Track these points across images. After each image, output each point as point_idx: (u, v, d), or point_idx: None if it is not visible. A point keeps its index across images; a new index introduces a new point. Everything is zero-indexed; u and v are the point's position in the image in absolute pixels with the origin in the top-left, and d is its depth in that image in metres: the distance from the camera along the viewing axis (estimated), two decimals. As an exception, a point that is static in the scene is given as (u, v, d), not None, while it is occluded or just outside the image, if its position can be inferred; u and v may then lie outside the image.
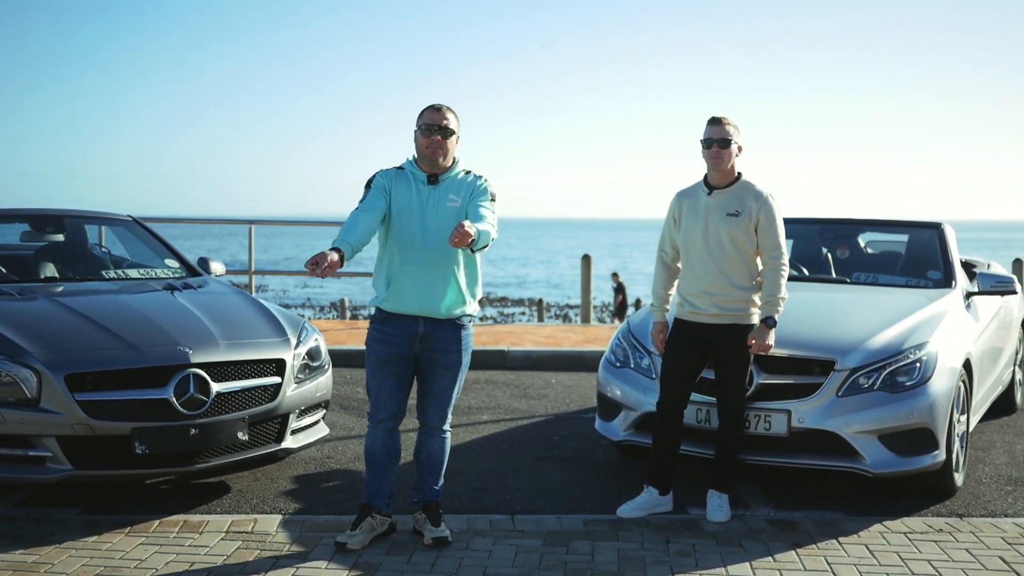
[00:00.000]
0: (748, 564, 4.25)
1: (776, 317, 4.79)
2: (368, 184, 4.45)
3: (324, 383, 5.56)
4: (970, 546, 4.49)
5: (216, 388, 4.86)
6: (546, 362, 9.66)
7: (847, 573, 4.15)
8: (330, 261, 3.94)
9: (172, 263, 6.65)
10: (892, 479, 5.09)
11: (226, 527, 4.63)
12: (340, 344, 9.72)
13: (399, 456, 4.56)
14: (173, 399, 4.74)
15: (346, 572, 4.10)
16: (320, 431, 5.60)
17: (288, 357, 5.24)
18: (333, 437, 6.34)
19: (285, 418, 5.21)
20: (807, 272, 6.79)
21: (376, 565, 4.18)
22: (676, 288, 5.08)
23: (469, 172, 4.50)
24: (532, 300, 39.67)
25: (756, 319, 4.84)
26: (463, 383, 4.60)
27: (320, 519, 4.77)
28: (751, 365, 4.93)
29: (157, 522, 4.68)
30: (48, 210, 6.90)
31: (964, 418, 5.54)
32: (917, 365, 5.08)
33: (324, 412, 5.69)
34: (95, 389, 4.71)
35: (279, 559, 4.24)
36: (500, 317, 34.10)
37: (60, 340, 4.88)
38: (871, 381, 5.01)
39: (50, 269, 6.28)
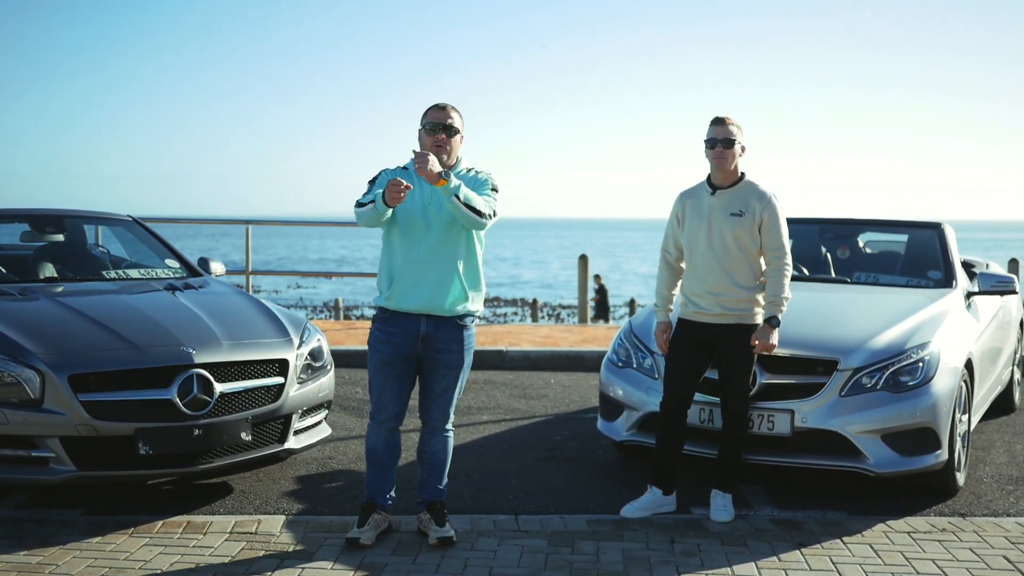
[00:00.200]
0: (753, 564, 4.25)
1: (780, 317, 4.80)
2: (372, 180, 4.48)
3: (327, 383, 5.55)
4: (974, 545, 4.50)
5: (220, 388, 4.85)
6: (544, 362, 9.67)
7: (852, 573, 4.16)
8: (406, 185, 4.12)
9: (172, 263, 6.63)
10: (894, 479, 5.10)
11: (230, 528, 4.62)
12: (339, 344, 9.71)
13: (400, 454, 4.58)
14: (177, 399, 4.73)
15: (352, 573, 4.09)
16: (322, 431, 5.59)
17: (291, 357, 5.23)
18: (334, 437, 6.33)
19: (288, 418, 5.20)
20: (807, 272, 6.81)
21: (382, 565, 4.17)
22: (680, 288, 5.09)
23: (472, 170, 4.50)
24: (524, 300, 39.66)
25: (760, 319, 4.84)
26: (465, 383, 4.59)
27: (324, 519, 4.77)
28: (754, 365, 4.94)
29: (160, 523, 4.67)
30: (48, 210, 6.88)
31: (966, 418, 5.55)
32: (920, 365, 5.09)
33: (326, 412, 5.68)
34: (98, 390, 4.69)
35: (284, 560, 4.23)
36: (492, 317, 34.11)
37: (63, 340, 4.86)
38: (874, 381, 5.02)
39: (50, 269, 6.25)
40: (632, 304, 27.69)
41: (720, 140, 4.83)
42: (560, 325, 13.72)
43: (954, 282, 6.36)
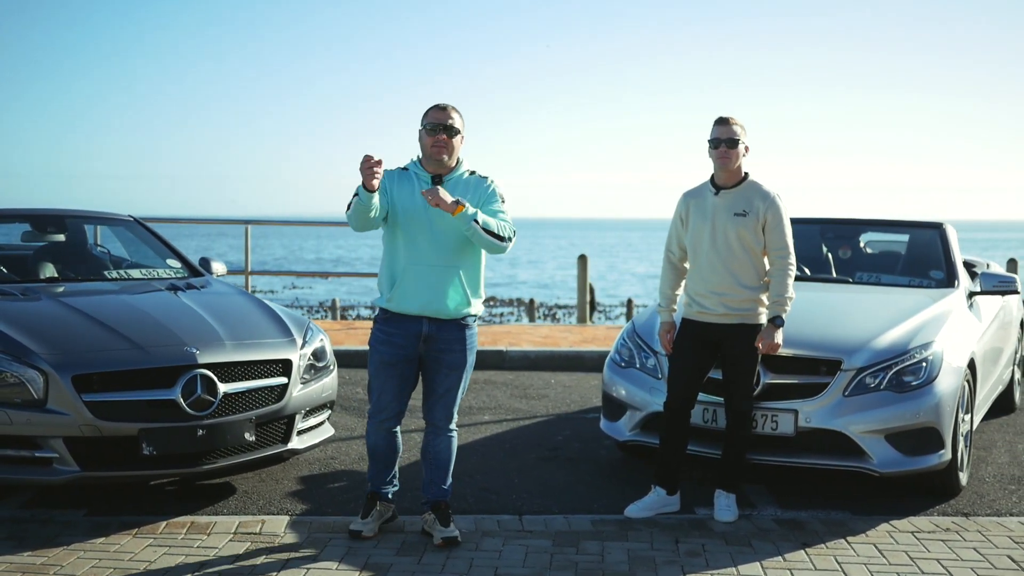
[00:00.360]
0: (759, 564, 4.25)
1: (784, 317, 4.80)
2: None
3: (330, 383, 5.54)
4: (978, 545, 4.50)
5: (223, 389, 4.84)
6: (544, 362, 9.66)
7: (858, 573, 4.16)
8: (377, 159, 4.06)
9: (174, 263, 6.62)
10: (897, 479, 5.10)
11: (234, 528, 4.61)
12: (339, 344, 9.69)
13: (400, 449, 4.63)
14: (180, 400, 4.72)
15: (357, 573, 4.09)
16: (325, 432, 5.58)
17: (294, 357, 5.22)
18: (336, 438, 6.33)
19: (291, 419, 5.20)
20: (808, 272, 6.81)
21: (387, 566, 4.17)
22: (683, 288, 5.09)
23: (474, 172, 4.50)
24: (521, 300, 39.63)
25: (764, 319, 4.85)
26: (468, 383, 4.59)
27: (328, 520, 4.76)
28: (758, 365, 4.94)
29: (164, 523, 4.66)
30: (49, 210, 6.86)
31: (968, 417, 5.56)
32: (923, 365, 5.10)
33: (329, 413, 5.67)
34: (102, 390, 4.68)
35: (289, 560, 4.22)
36: (489, 316, 34.08)
37: (66, 341, 4.85)
38: (877, 381, 5.03)
39: (51, 269, 6.24)
40: (629, 304, 27.62)
41: (724, 140, 4.83)
42: (560, 325, 13.73)
43: (956, 282, 6.37)
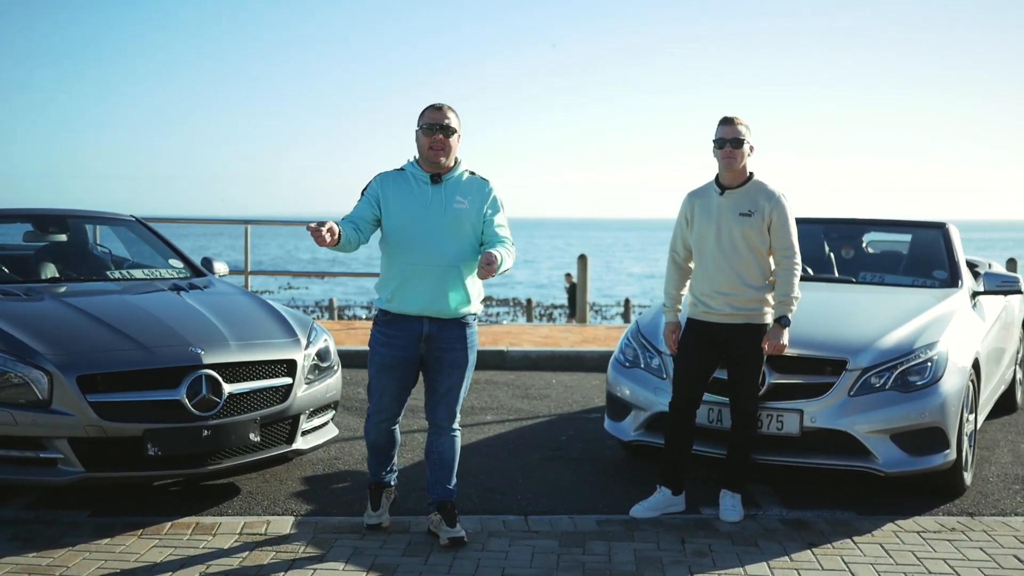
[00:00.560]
0: (765, 564, 4.25)
1: (790, 316, 4.80)
2: (363, 191, 4.48)
3: (334, 384, 5.53)
4: (984, 545, 4.50)
5: (228, 389, 4.83)
6: (545, 362, 9.66)
7: (864, 572, 4.16)
8: (329, 226, 4.04)
9: (176, 263, 6.61)
10: (902, 478, 5.10)
11: (239, 529, 4.60)
12: (339, 344, 9.66)
13: (399, 442, 4.70)
14: (185, 400, 4.71)
15: (364, 573, 4.08)
16: (329, 432, 5.57)
17: (299, 358, 5.21)
18: (340, 438, 6.31)
19: (296, 419, 5.18)
20: (812, 272, 6.81)
21: (394, 566, 4.16)
22: (689, 288, 5.09)
23: (473, 173, 4.49)
24: (518, 300, 39.63)
25: (770, 319, 4.85)
26: (470, 382, 4.59)
27: (333, 520, 4.75)
28: (763, 365, 4.93)
29: (169, 524, 4.65)
30: (51, 210, 6.85)
31: (972, 417, 5.56)
32: (928, 364, 5.10)
33: (334, 413, 5.66)
34: (107, 390, 4.66)
35: (295, 561, 4.21)
36: (485, 316, 34.08)
37: (71, 341, 4.83)
38: (883, 381, 5.03)
39: (53, 269, 6.22)
40: (627, 304, 27.62)
41: (729, 140, 4.83)
42: (560, 325, 13.72)
43: (960, 282, 6.38)
